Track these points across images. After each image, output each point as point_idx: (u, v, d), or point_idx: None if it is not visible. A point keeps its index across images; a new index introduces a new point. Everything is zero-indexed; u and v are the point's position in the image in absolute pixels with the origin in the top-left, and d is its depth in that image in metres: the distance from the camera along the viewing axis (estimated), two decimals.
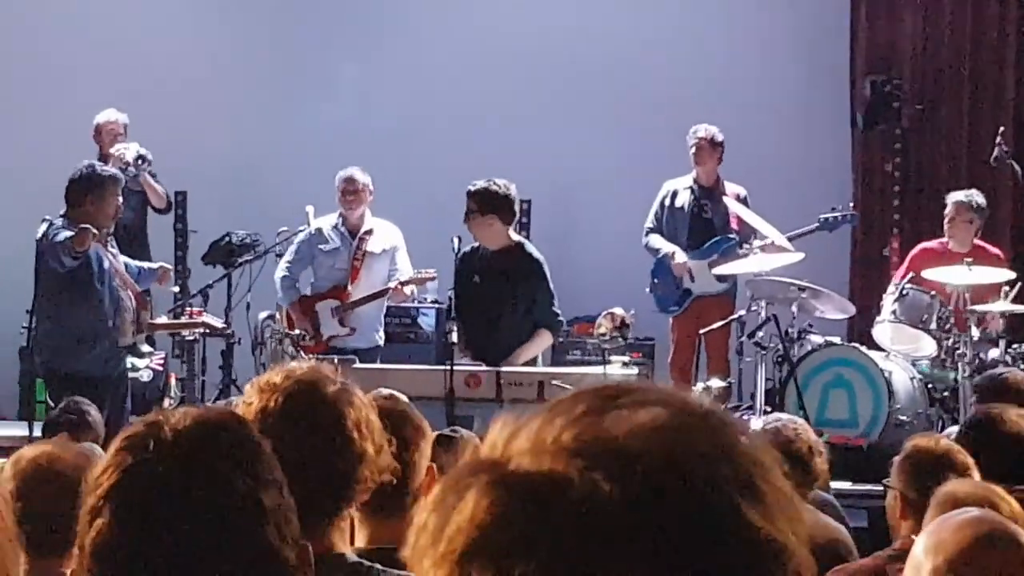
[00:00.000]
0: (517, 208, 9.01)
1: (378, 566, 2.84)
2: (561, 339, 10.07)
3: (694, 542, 1.05)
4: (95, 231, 8.62)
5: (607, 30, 12.37)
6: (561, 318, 9.07)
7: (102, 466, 1.92)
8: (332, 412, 2.79)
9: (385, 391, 3.57)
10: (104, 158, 10.65)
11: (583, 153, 12.19)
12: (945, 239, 10.00)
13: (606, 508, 1.05)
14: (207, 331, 9.91)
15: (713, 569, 1.05)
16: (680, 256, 10.28)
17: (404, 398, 3.65)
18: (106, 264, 8.85)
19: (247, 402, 2.82)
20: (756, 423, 8.87)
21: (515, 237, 9.07)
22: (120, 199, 9.01)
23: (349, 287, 9.99)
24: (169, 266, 9.78)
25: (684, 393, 1.15)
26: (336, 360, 8.92)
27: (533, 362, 9.05)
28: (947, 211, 10.02)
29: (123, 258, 9.29)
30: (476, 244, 9.05)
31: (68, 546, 3.13)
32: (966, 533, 2.63)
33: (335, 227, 10.04)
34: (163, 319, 10.05)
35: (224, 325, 9.90)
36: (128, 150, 10.55)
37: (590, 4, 12.54)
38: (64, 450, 3.46)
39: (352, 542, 3.28)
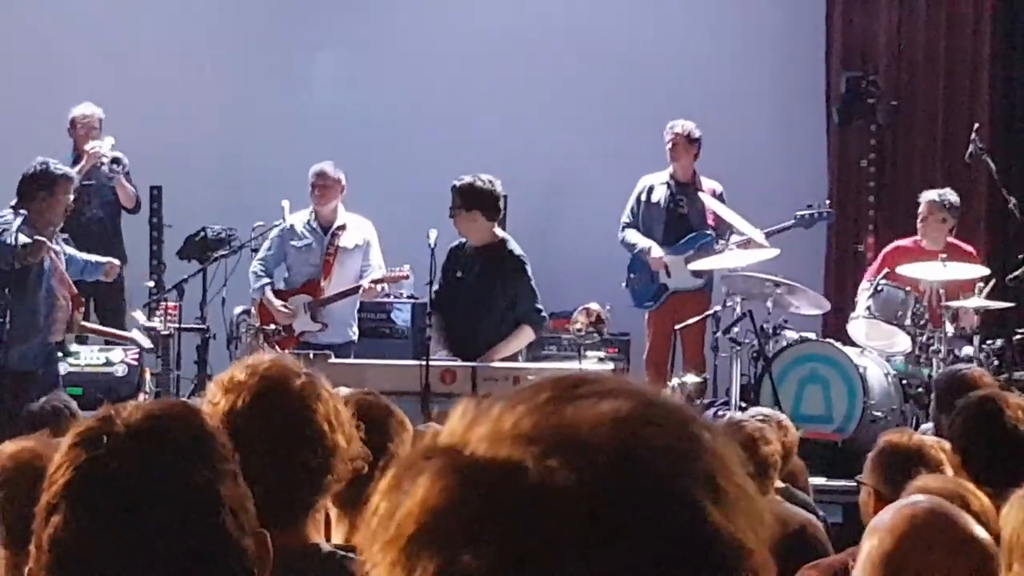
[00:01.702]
0: (502, 205, 9.00)
1: (352, 555, 2.84)
2: None
3: (650, 536, 1.03)
4: (49, 243, 8.70)
5: (586, 27, 12.38)
6: (544, 315, 9.04)
7: (56, 463, 1.91)
8: (301, 409, 2.77)
9: (347, 389, 3.57)
10: (79, 152, 10.63)
11: (561, 149, 12.20)
12: (919, 237, 10.02)
13: (560, 498, 1.03)
14: (136, 345, 9.90)
15: (668, 564, 1.03)
16: (656, 251, 10.28)
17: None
18: (47, 263, 8.90)
19: (212, 401, 2.80)
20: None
21: (500, 234, 9.05)
22: (71, 197, 9.06)
23: (322, 283, 9.99)
24: (117, 262, 9.73)
25: (648, 386, 1.13)
26: (312, 355, 8.93)
27: (515, 358, 9.04)
28: (920, 210, 10.04)
29: (70, 250, 9.31)
30: (463, 239, 9.05)
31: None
32: (910, 517, 2.63)
33: (307, 223, 10.05)
34: (146, 317, 10.05)
35: (151, 346, 9.86)
36: (103, 144, 10.53)
37: (572, 0, 12.55)
38: (44, 446, 3.45)
39: (329, 538, 3.27)
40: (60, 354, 9.24)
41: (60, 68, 11.96)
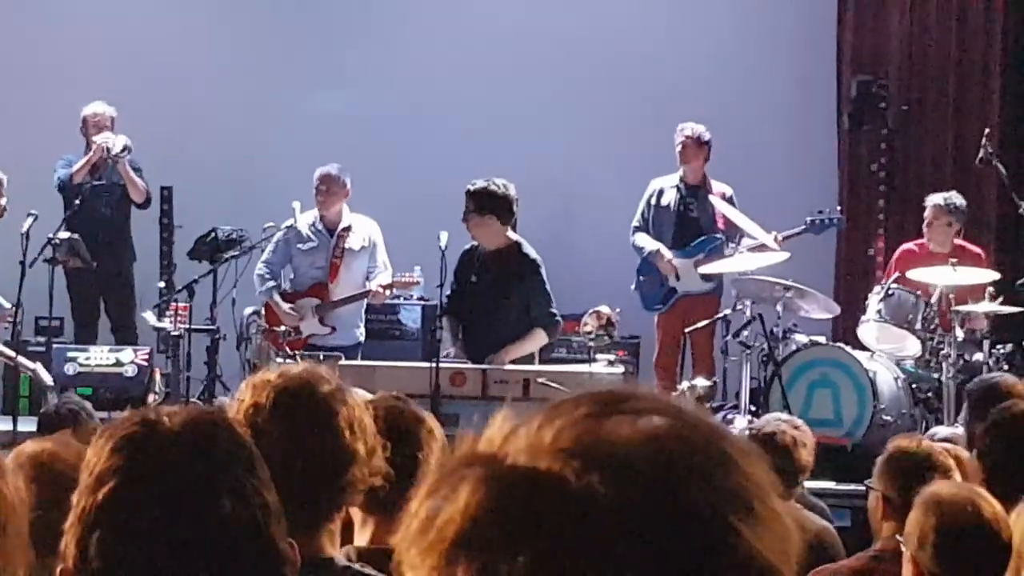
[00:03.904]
0: (516, 209, 8.98)
1: (369, 570, 2.82)
2: None
3: (686, 554, 1.05)
4: None
5: (599, 30, 12.37)
6: (558, 318, 9.02)
7: (98, 468, 1.89)
8: (324, 409, 2.77)
9: (381, 393, 3.54)
10: (90, 150, 10.67)
11: (571, 152, 12.20)
12: (925, 240, 10.04)
13: (600, 511, 1.05)
14: (32, 374, 9.78)
15: None
16: (665, 254, 10.28)
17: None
18: None
19: (240, 399, 2.80)
20: (740, 422, 8.91)
21: (513, 237, 9.03)
22: (4, 200, 9.08)
23: (330, 285, 9.99)
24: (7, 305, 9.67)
25: (686, 405, 1.15)
26: (322, 357, 8.94)
27: (530, 361, 9.01)
28: (925, 214, 10.06)
29: None
30: (475, 243, 9.04)
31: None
32: None
33: (312, 225, 10.06)
34: (156, 318, 10.04)
35: (52, 382, 9.64)
36: (114, 142, 10.55)
37: (587, 2, 12.54)
38: (65, 448, 3.44)
39: (352, 540, 3.25)
40: None
41: (73, 68, 11.97)
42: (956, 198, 10.06)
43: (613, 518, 1.05)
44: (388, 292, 10.04)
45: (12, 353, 9.54)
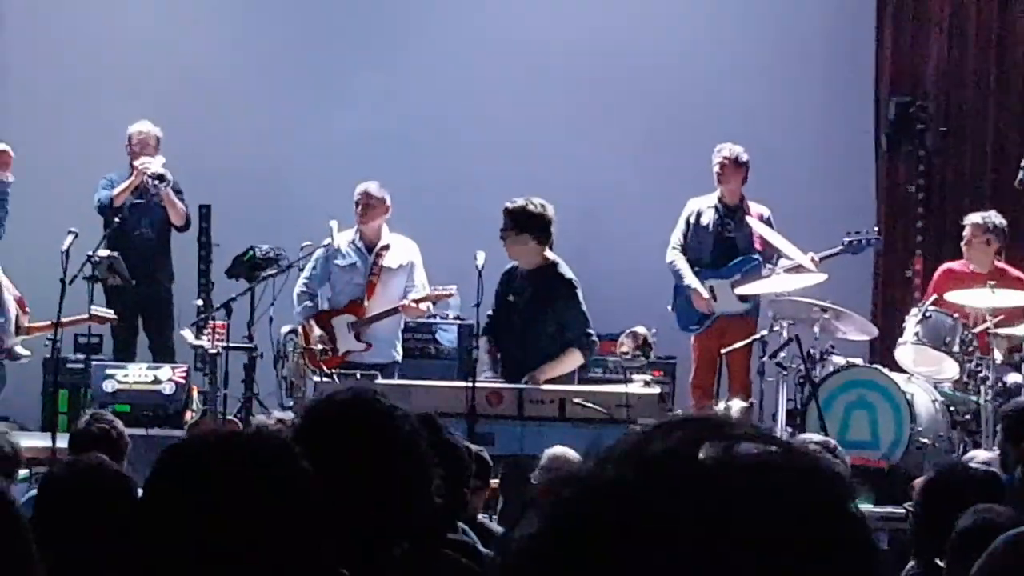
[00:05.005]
0: (554, 228, 8.99)
1: None
2: None
3: None
4: None
5: (633, 47, 12.38)
6: (594, 338, 9.02)
7: (170, 488, 1.91)
8: (409, 437, 2.73)
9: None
10: (133, 169, 10.73)
11: (607, 170, 12.20)
12: (965, 259, 10.02)
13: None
14: (97, 322, 9.95)
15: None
16: (702, 292, 10.20)
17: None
18: None
19: (299, 427, 2.76)
20: None
21: (550, 257, 9.04)
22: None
23: (366, 302, 10.02)
24: None
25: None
26: (359, 375, 8.96)
27: (569, 381, 9.00)
28: (964, 232, 10.04)
29: None
30: (515, 263, 9.05)
31: (99, 566, 3.14)
32: None
33: (352, 242, 10.11)
34: (194, 336, 10.07)
35: (115, 316, 9.94)
36: (152, 162, 10.61)
37: (618, 18, 12.54)
38: (99, 470, 3.46)
39: None
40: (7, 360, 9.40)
41: (115, 90, 12.03)
42: (995, 217, 10.04)
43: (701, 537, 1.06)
44: (423, 307, 10.04)
45: (48, 323, 9.61)
